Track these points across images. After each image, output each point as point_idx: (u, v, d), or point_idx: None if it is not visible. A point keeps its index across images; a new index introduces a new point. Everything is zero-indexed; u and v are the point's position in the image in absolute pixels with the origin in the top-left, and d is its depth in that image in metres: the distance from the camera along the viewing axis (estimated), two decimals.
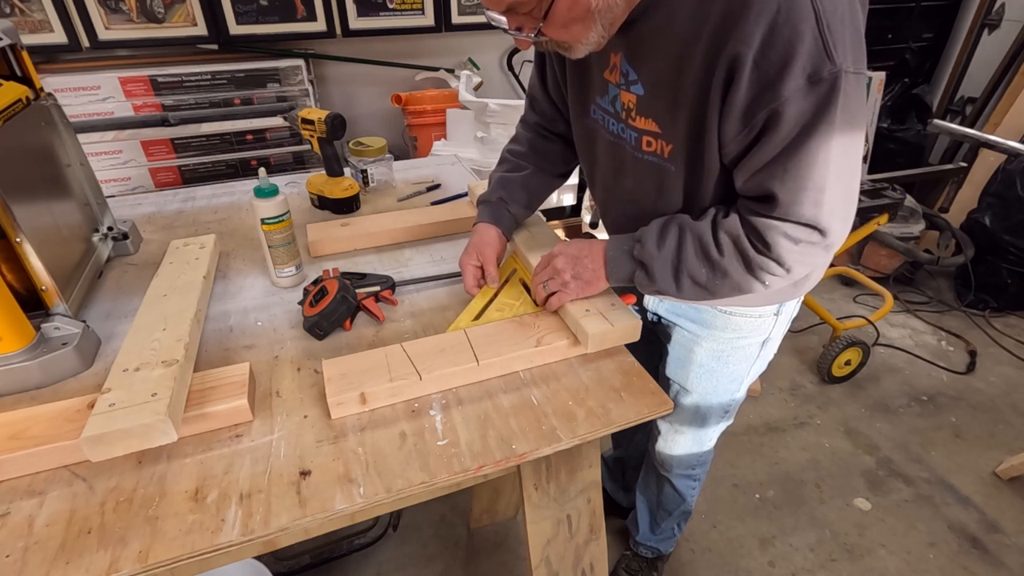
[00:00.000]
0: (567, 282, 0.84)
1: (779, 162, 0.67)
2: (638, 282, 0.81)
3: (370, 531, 1.53)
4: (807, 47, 0.61)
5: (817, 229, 0.70)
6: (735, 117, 0.68)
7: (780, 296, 0.93)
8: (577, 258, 0.84)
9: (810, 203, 0.68)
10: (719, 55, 0.65)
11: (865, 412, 2.04)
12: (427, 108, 2.46)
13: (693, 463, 1.22)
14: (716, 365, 1.01)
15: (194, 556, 0.57)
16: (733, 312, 0.94)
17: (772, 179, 0.69)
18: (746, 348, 0.99)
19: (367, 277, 0.97)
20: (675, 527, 1.42)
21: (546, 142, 1.06)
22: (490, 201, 1.01)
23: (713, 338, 0.98)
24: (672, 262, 0.77)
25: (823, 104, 0.63)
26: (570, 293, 0.85)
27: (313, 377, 0.79)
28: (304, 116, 1.25)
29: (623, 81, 0.78)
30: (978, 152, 2.75)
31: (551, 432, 0.71)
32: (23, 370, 0.76)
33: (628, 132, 0.82)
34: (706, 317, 0.97)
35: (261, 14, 2.25)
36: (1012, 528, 1.62)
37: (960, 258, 2.60)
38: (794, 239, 0.71)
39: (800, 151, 0.66)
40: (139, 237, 1.16)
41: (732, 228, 0.74)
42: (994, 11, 3.00)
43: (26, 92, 0.91)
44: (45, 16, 2.01)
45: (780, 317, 0.96)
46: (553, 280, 0.85)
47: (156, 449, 0.67)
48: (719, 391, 1.05)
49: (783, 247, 0.71)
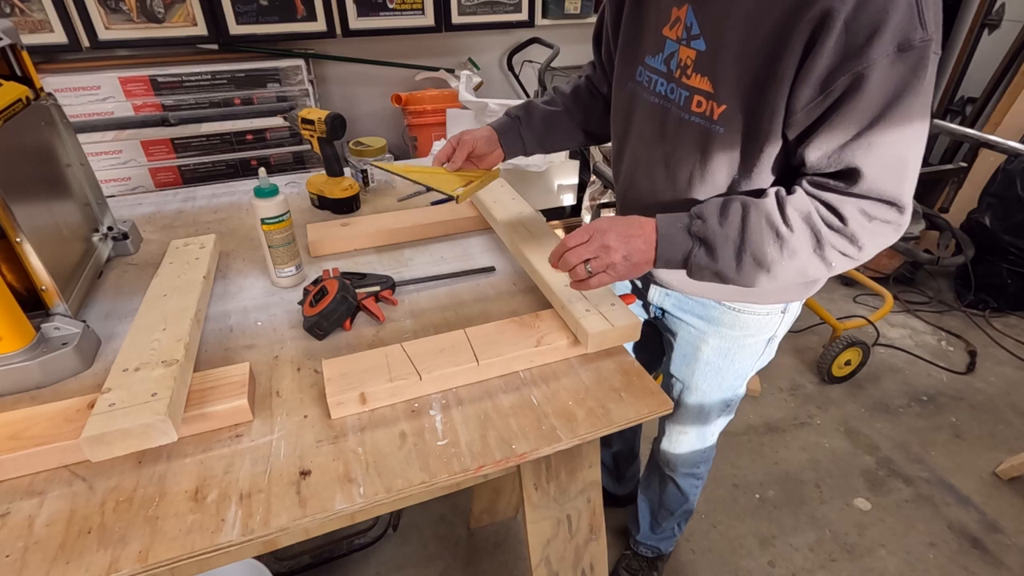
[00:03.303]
0: (615, 263, 0.73)
1: (864, 135, 0.64)
2: (694, 263, 0.73)
3: (370, 531, 1.53)
4: (901, 12, 0.59)
5: (896, 206, 0.67)
6: (812, 81, 0.64)
7: (794, 294, 0.92)
8: (629, 236, 0.74)
9: (895, 179, 0.66)
10: (805, 12, 0.61)
11: (865, 412, 2.04)
12: (427, 108, 2.47)
13: (697, 461, 1.22)
14: (722, 363, 1.00)
15: (194, 556, 0.57)
16: (742, 310, 0.92)
17: (855, 152, 0.65)
18: (752, 346, 0.98)
19: (367, 277, 0.97)
20: (676, 527, 1.42)
21: (589, 95, 1.06)
22: (509, 115, 1.04)
23: (720, 335, 0.97)
24: (735, 240, 0.71)
25: (912, 73, 0.60)
26: (615, 276, 0.75)
27: (313, 377, 0.79)
28: (304, 116, 1.25)
29: (684, 36, 0.74)
30: (978, 152, 2.75)
31: (551, 432, 0.71)
32: (23, 370, 0.76)
33: (678, 92, 0.77)
34: (714, 314, 0.95)
35: (261, 14, 2.25)
36: (1012, 528, 1.62)
37: (960, 258, 2.60)
38: (870, 216, 0.68)
39: (886, 123, 0.63)
40: (139, 237, 1.16)
41: (801, 204, 0.70)
42: (994, 11, 3.00)
43: (26, 92, 0.91)
44: (45, 16, 2.01)
45: (787, 315, 0.95)
46: (599, 260, 0.74)
47: (156, 449, 0.67)
48: (723, 388, 1.05)
49: (859, 223, 0.68)
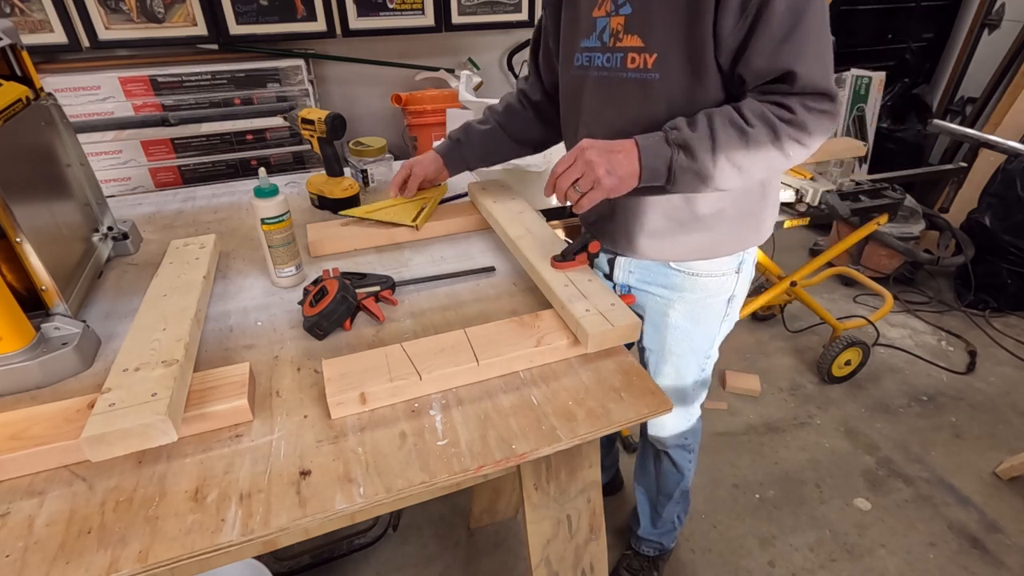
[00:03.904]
0: (600, 178, 0.80)
1: (789, 40, 0.75)
2: (677, 167, 0.80)
3: (370, 531, 1.53)
4: None
5: (828, 95, 0.78)
6: (732, 8, 0.75)
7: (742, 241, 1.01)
8: (609, 152, 0.81)
9: (823, 73, 0.78)
10: None
11: (865, 412, 2.04)
12: (427, 108, 2.46)
13: (685, 432, 1.27)
14: (690, 326, 1.09)
15: (194, 556, 0.57)
16: (699, 273, 1.02)
17: (787, 57, 0.76)
18: (714, 307, 1.08)
19: (367, 277, 0.97)
20: (676, 519, 1.42)
21: (520, 107, 1.18)
22: (450, 139, 1.20)
23: (684, 300, 1.06)
24: (709, 139, 0.79)
25: None
26: (602, 191, 0.81)
27: (313, 377, 0.79)
28: (304, 116, 1.25)
29: (612, 8, 0.86)
30: (978, 152, 2.75)
31: (551, 432, 0.71)
32: (23, 370, 0.76)
33: (614, 57, 0.88)
34: (676, 281, 1.04)
35: (261, 14, 2.25)
36: (1012, 528, 1.62)
37: (960, 258, 2.60)
38: (810, 107, 0.78)
39: (803, 25, 0.75)
40: (139, 237, 1.16)
41: (754, 106, 0.80)
42: (994, 11, 3.00)
43: (26, 92, 0.91)
44: (45, 16, 2.01)
45: (741, 274, 1.05)
46: (585, 177, 0.81)
47: (156, 449, 0.67)
48: (695, 350, 1.12)
49: (804, 114, 0.78)
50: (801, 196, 1.66)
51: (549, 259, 0.96)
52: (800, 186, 1.65)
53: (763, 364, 2.28)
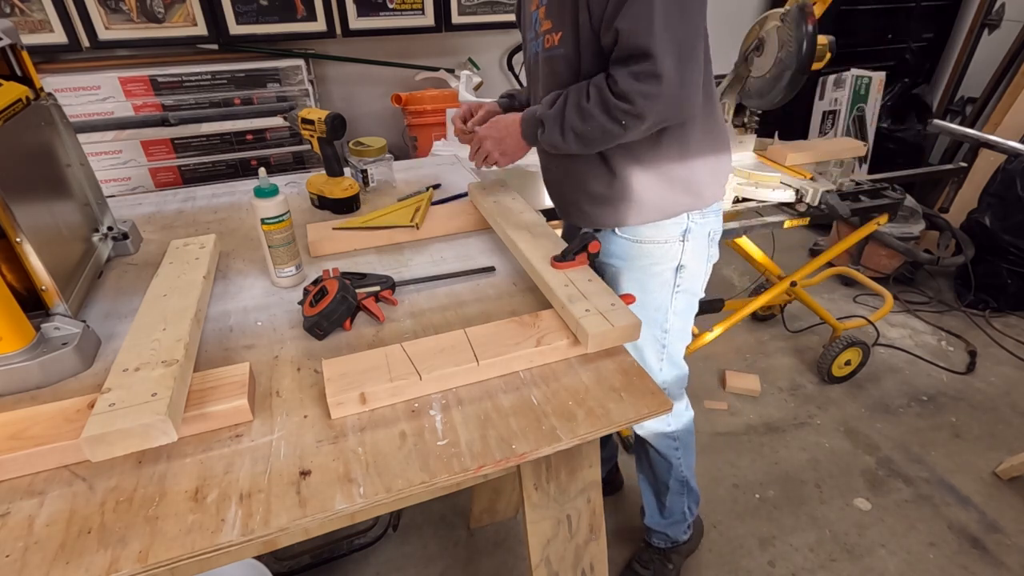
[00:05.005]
0: (493, 155, 1.10)
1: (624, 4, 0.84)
2: (542, 139, 1.00)
3: (370, 531, 1.53)
4: None
5: (648, 56, 0.84)
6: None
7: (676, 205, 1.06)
8: (499, 138, 1.08)
9: (643, 33, 0.83)
10: None
11: (865, 412, 2.04)
12: (427, 108, 2.46)
13: (662, 420, 1.29)
14: (639, 294, 1.11)
15: (194, 556, 0.57)
16: (642, 240, 1.09)
17: (616, 17, 0.85)
18: (661, 274, 1.12)
19: (367, 277, 0.97)
20: (686, 511, 1.41)
21: None
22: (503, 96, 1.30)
23: (633, 267, 1.13)
24: (558, 117, 0.95)
25: None
26: (502, 161, 1.11)
27: (313, 377, 0.79)
28: (304, 116, 1.25)
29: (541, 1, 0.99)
30: (978, 152, 2.75)
31: (551, 432, 0.71)
32: (23, 370, 0.76)
33: (539, 41, 1.03)
34: (624, 250, 1.12)
35: (261, 14, 2.25)
36: (1012, 528, 1.62)
37: (960, 258, 2.60)
38: (635, 75, 0.85)
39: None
40: (139, 237, 1.16)
41: (598, 80, 0.91)
42: (994, 11, 3.00)
43: (26, 92, 0.91)
44: (45, 16, 2.01)
45: (687, 243, 1.10)
46: (489, 157, 1.11)
47: (156, 449, 0.67)
48: (647, 320, 1.14)
49: (628, 85, 0.86)
50: (801, 196, 1.66)
51: (549, 259, 0.96)
52: (800, 186, 1.65)
53: (763, 364, 2.28)
